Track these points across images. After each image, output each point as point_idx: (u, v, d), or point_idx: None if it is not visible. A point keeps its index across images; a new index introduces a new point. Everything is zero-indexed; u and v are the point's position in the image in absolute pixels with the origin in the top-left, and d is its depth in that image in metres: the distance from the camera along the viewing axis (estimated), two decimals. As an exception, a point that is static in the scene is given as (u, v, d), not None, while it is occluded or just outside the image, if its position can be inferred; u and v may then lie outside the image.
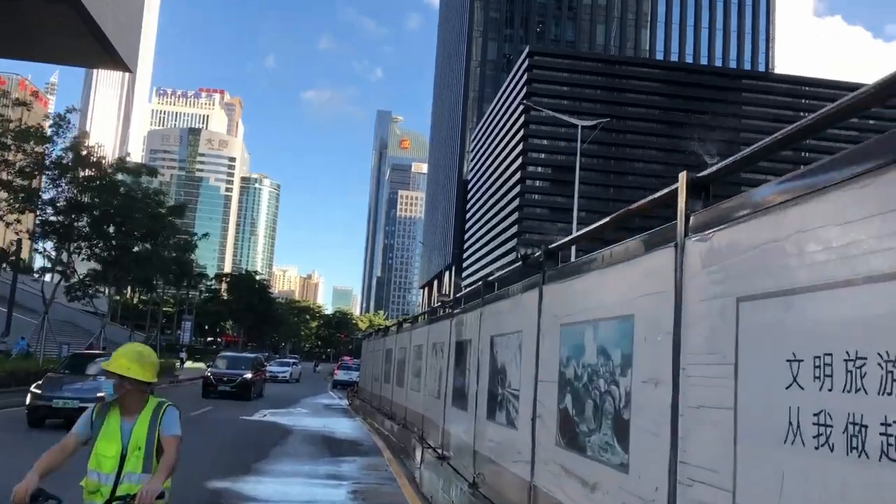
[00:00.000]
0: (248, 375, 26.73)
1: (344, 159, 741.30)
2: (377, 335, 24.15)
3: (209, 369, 28.22)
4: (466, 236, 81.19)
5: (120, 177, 33.18)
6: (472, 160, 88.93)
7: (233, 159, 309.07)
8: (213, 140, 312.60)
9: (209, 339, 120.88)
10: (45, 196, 28.37)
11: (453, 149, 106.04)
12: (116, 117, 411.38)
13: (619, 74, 67.16)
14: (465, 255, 79.51)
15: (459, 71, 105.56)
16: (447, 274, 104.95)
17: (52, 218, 28.53)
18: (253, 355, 32.70)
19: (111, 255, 30.36)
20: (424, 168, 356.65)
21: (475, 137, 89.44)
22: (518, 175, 64.37)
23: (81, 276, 33.34)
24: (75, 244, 27.60)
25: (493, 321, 7.98)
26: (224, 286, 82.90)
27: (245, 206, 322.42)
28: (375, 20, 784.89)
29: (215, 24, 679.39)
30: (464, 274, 74.64)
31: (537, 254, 6.46)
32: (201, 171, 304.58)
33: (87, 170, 28.43)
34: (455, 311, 10.66)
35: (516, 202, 63.93)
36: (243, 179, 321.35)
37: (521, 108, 60.80)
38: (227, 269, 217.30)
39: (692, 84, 67.89)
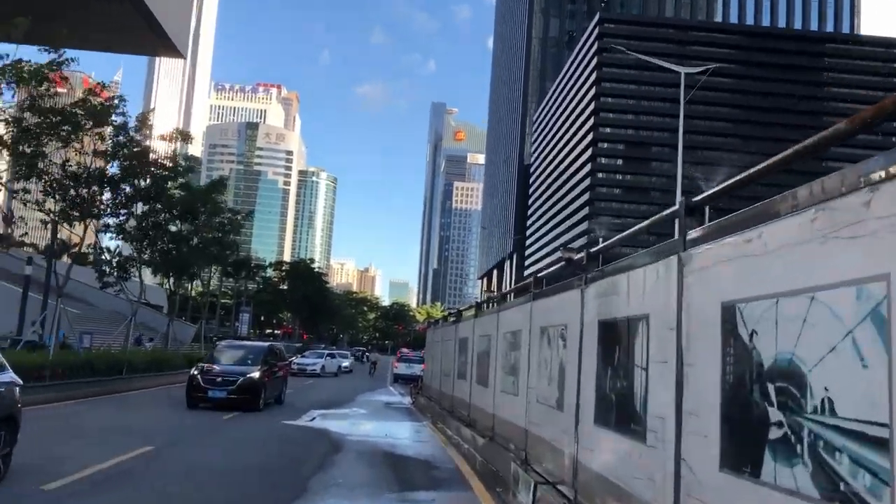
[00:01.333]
0: (255, 374, 18.00)
1: (399, 152, 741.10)
2: (446, 322, 20.40)
3: (199, 365, 18.95)
4: (529, 222, 76.98)
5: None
6: (534, 143, 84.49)
7: (290, 153, 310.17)
8: (271, 134, 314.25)
9: (267, 331, 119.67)
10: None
11: (513, 133, 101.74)
12: (178, 113, 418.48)
13: (694, 41, 61.58)
14: (527, 243, 75.35)
15: (519, 51, 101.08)
16: (507, 263, 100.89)
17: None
18: (265, 344, 23.65)
19: (144, 233, 27.20)
20: (480, 159, 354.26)
21: (537, 118, 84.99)
22: (589, 152, 59.75)
23: (111, 257, 30.27)
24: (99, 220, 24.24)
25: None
26: (280, 274, 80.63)
27: (303, 200, 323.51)
28: (426, 13, 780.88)
29: (270, 22, 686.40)
30: (526, 262, 70.55)
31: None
32: (259, 164, 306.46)
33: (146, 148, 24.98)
34: (592, 275, 6.80)
35: (587, 181, 59.35)
36: (300, 173, 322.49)
37: (594, 79, 56.32)
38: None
39: (771, 50, 61.93)
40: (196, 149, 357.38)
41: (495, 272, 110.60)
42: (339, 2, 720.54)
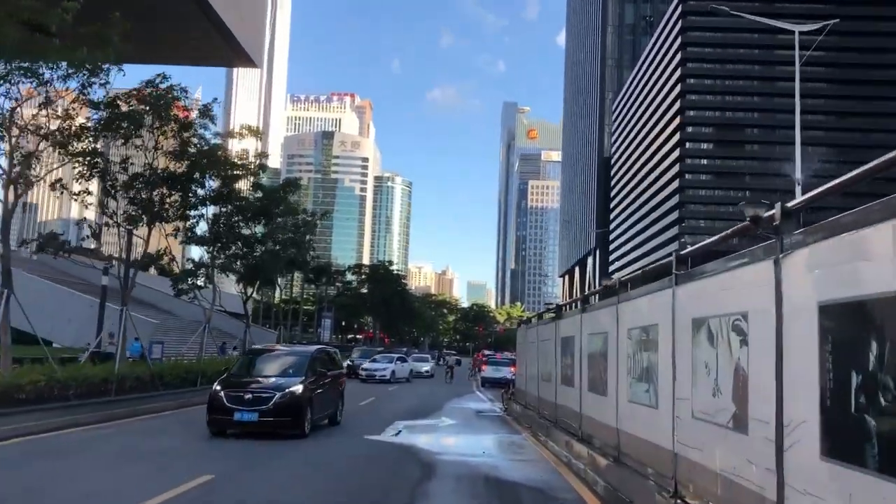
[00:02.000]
0: (297, 388, 13.54)
1: (472, 155, 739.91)
2: (541, 320, 18.29)
3: (223, 380, 14.13)
4: (612, 216, 73.85)
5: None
6: (614, 133, 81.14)
7: (366, 159, 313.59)
8: (346, 142, 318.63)
9: (349, 336, 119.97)
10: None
11: (591, 125, 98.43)
12: (256, 125, 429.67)
13: (786, 12, 57.14)
14: (611, 237, 72.26)
15: (594, 41, 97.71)
16: (589, 260, 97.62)
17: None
18: (312, 348, 17.36)
19: (216, 237, 26.11)
20: (555, 156, 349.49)
21: (617, 107, 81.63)
22: (676, 137, 56.27)
23: (185, 266, 29.50)
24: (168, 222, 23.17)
25: None
26: (360, 277, 79.86)
27: (379, 205, 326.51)
28: (494, 13, 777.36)
29: (341, 33, 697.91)
30: (611, 257, 67.49)
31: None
32: (336, 172, 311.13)
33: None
34: (796, 237, 4.56)
35: (675, 168, 55.88)
36: (376, 179, 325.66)
37: (678, 61, 53.01)
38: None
39: (868, 17, 56.56)
40: (274, 160, 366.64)
41: (577, 269, 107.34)
42: (406, 8, 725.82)
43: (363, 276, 79.32)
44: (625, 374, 9.05)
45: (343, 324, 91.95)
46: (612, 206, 78.00)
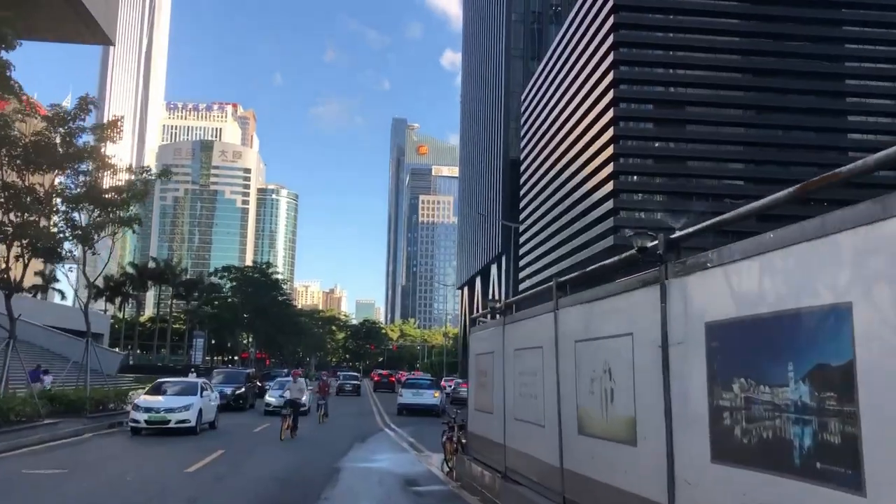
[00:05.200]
0: None
1: (359, 171, 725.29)
2: (528, 308, 9.19)
3: None
4: (523, 216, 66.57)
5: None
6: (523, 126, 74.14)
7: (248, 170, 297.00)
8: (227, 151, 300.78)
9: (226, 357, 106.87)
10: None
11: (494, 127, 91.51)
12: (131, 136, 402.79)
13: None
14: (522, 241, 64.95)
15: (496, 34, 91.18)
16: (493, 268, 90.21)
17: None
18: None
19: None
20: (445, 171, 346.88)
21: (525, 99, 74.81)
22: (609, 114, 49.23)
23: None
24: None
25: None
26: (231, 284, 66.93)
27: (263, 219, 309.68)
28: (377, 30, 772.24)
29: (222, 45, 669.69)
30: (521, 262, 60.09)
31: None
32: (216, 184, 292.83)
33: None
34: None
35: (609, 150, 48.80)
36: (260, 191, 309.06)
37: (606, 31, 46.21)
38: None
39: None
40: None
41: (478, 281, 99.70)
42: (288, 22, 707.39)
43: (234, 283, 66.56)
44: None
45: (213, 342, 79.35)
46: (521, 206, 70.62)
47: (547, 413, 7.68)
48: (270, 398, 28.96)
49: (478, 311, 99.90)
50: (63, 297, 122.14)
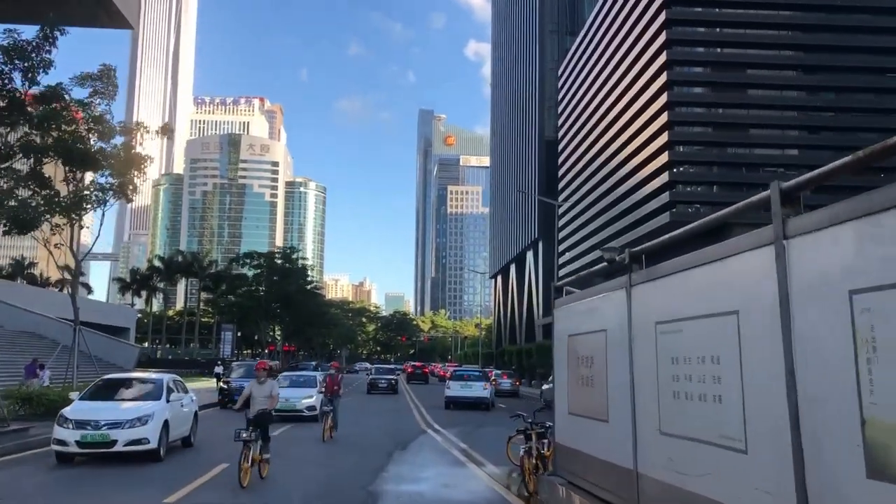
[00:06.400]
0: None
1: (387, 164, 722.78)
2: (689, 253, 5.79)
3: None
4: (561, 198, 62.73)
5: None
6: (563, 106, 70.13)
7: (276, 164, 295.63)
8: (255, 145, 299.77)
9: (255, 350, 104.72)
10: None
11: (528, 108, 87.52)
12: (161, 135, 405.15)
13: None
14: (561, 224, 61.19)
15: (530, 11, 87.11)
16: (529, 255, 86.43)
17: None
18: None
19: None
20: (473, 161, 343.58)
21: (562, 76, 70.78)
22: (662, 78, 45.15)
23: None
24: None
25: None
26: (256, 272, 63.02)
27: (291, 212, 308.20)
28: (401, 23, 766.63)
29: (249, 42, 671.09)
30: (562, 247, 56.40)
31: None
32: (244, 177, 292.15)
33: None
34: None
35: (663, 117, 44.74)
36: (288, 184, 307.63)
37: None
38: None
39: None
40: (178, 166, 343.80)
41: (513, 269, 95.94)
42: (312, 16, 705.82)
43: (259, 271, 62.94)
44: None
45: (240, 335, 76.62)
46: (560, 188, 66.71)
47: (754, 428, 4.15)
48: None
49: (514, 299, 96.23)
50: (90, 291, 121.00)
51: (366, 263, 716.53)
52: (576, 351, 8.42)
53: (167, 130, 21.24)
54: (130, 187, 19.67)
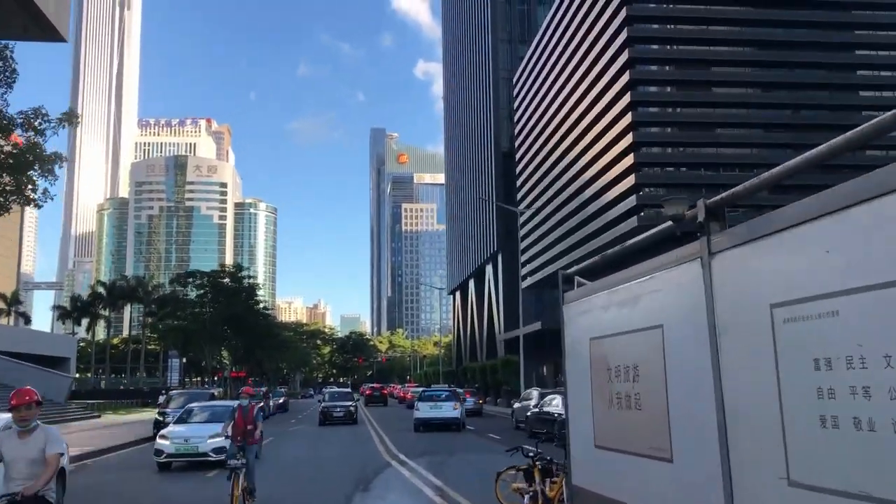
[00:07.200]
0: None
1: (339, 185, 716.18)
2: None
3: None
4: (524, 207, 60.66)
5: None
6: (519, 114, 68.25)
7: (224, 185, 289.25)
8: (202, 166, 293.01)
9: (204, 377, 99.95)
10: None
11: (483, 119, 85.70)
12: (105, 160, 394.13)
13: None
14: (522, 235, 58.97)
15: (481, 21, 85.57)
16: (488, 269, 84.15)
17: None
18: None
19: None
20: (427, 178, 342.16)
21: (517, 83, 69.05)
22: (625, 77, 43.31)
23: None
24: None
25: None
26: (199, 292, 58.49)
27: (241, 234, 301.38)
28: (350, 43, 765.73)
29: (195, 64, 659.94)
30: (523, 257, 54.26)
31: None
32: (191, 200, 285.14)
33: None
34: None
35: (627, 118, 42.89)
36: (237, 206, 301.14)
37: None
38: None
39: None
40: (123, 190, 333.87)
41: (472, 284, 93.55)
42: (260, 37, 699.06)
43: (203, 291, 58.54)
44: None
45: (185, 361, 72.23)
46: (519, 198, 64.62)
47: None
48: (163, 441, 16.92)
49: (473, 315, 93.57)
50: (28, 321, 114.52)
51: (320, 286, 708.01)
52: (605, 359, 5.63)
53: (72, 117, 18.01)
54: (30, 188, 16.56)
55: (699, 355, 3.88)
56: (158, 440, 17.24)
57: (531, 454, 8.39)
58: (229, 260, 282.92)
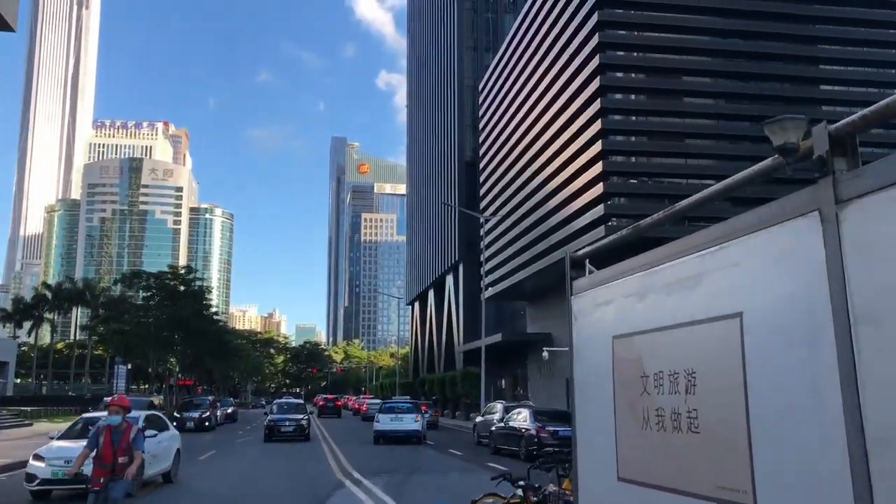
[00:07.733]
0: None
1: (299, 193, 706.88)
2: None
3: None
4: (487, 216, 59.59)
5: None
6: (484, 121, 67.24)
7: (180, 189, 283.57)
8: (157, 169, 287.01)
9: (150, 385, 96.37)
10: None
11: (446, 127, 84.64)
12: (58, 160, 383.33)
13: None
14: (486, 243, 57.84)
15: (446, 29, 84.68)
16: (448, 279, 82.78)
17: None
18: None
19: None
20: (388, 188, 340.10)
21: (484, 91, 68.06)
22: (595, 83, 42.43)
23: None
24: None
25: None
26: (145, 294, 55.45)
27: (196, 240, 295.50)
28: (312, 52, 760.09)
29: (154, 68, 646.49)
30: (485, 268, 53.17)
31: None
32: (146, 203, 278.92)
33: None
34: None
35: (597, 125, 41.97)
36: (192, 210, 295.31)
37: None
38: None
39: None
40: (75, 192, 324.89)
41: (431, 294, 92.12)
42: (220, 43, 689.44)
43: (149, 293, 55.42)
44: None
45: (129, 367, 69.09)
46: (482, 207, 63.43)
47: None
48: (37, 462, 13.16)
49: (432, 326, 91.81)
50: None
51: (276, 294, 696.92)
52: (638, 363, 4.11)
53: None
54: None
55: (813, 356, 2.35)
56: (32, 461, 13.14)
57: (521, 483, 6.93)
58: (182, 263, 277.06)
